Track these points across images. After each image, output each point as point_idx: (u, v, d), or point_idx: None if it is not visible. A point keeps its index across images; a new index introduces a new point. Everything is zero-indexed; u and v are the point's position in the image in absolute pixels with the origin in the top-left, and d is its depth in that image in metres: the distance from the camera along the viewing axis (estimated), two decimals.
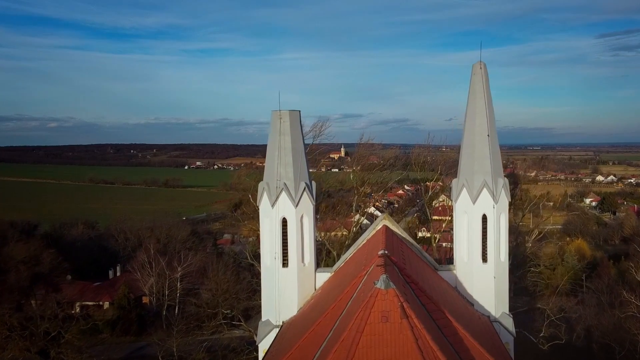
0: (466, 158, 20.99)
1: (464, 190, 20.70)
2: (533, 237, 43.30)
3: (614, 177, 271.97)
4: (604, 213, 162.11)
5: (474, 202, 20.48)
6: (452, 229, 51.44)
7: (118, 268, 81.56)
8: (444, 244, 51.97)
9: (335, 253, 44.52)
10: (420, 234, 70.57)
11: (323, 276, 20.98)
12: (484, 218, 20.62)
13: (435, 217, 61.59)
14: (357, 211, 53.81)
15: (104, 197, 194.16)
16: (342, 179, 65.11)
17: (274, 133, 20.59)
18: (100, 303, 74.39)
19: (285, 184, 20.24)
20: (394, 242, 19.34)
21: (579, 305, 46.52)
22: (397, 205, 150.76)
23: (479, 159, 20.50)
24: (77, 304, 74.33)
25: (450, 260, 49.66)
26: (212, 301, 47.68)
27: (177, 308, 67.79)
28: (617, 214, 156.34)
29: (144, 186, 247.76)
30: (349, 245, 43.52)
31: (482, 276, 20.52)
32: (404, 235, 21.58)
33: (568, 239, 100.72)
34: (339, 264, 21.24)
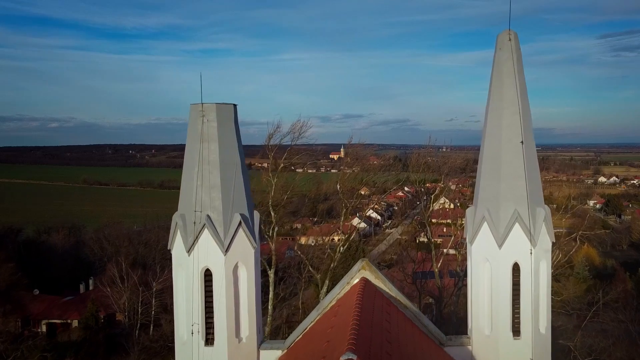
0: (488, 177, 13.41)
1: (485, 225, 13.17)
2: (557, 259, 36.09)
3: (616, 179, 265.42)
4: (609, 216, 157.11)
5: (500, 245, 12.99)
6: (452, 239, 45.57)
7: (91, 281, 74.95)
8: (444, 250, 45.62)
9: (318, 277, 37.52)
10: (420, 239, 65.85)
11: (270, 355, 13.75)
12: (516, 268, 13.24)
13: (434, 220, 56.33)
14: (345, 221, 47.21)
15: (97, 199, 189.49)
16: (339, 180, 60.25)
17: (193, 138, 13.15)
18: (69, 321, 67.68)
19: (208, 217, 12.96)
20: (375, 309, 12.29)
21: (607, 339, 39.71)
22: (396, 208, 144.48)
23: (507, 178, 12.99)
24: (43, 322, 67.82)
25: (453, 274, 43.45)
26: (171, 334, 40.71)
27: (151, 327, 61.68)
28: (622, 217, 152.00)
29: (139, 187, 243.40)
30: (334, 269, 36.78)
31: (512, 356, 13.26)
32: (393, 291, 14.19)
33: (574, 244, 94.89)
34: (296, 336, 13.92)
